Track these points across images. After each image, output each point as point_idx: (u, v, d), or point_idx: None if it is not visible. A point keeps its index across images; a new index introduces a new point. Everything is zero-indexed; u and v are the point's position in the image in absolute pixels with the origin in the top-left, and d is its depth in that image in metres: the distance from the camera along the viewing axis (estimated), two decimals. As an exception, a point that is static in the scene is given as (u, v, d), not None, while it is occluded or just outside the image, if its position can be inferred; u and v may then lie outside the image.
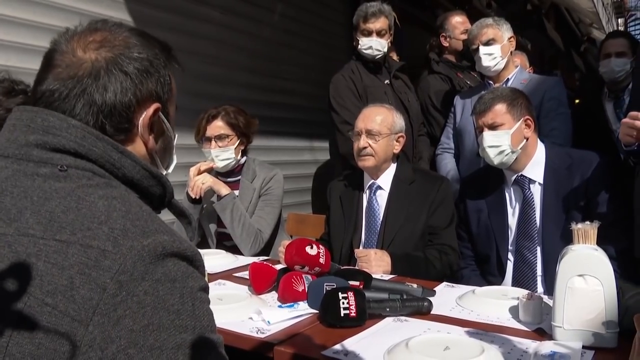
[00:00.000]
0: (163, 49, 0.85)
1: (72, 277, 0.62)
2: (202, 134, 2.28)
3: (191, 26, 2.99)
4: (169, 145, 0.90)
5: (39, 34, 2.23)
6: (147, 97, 0.80)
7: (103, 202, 0.69)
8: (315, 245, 1.60)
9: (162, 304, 0.65)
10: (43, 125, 0.73)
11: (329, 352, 1.15)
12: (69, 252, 0.64)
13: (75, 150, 0.73)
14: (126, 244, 0.65)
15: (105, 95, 0.76)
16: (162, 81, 0.83)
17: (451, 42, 3.13)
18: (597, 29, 9.56)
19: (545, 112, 2.42)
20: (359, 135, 2.09)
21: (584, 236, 1.19)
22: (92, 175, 0.73)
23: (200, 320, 0.68)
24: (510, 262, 1.97)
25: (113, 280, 0.63)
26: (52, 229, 0.66)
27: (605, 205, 1.85)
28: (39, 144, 0.72)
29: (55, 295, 0.62)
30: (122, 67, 0.78)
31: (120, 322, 0.62)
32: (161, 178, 0.82)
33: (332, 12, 4.24)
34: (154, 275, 0.65)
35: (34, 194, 0.69)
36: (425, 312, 1.39)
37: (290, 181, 3.33)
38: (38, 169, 0.71)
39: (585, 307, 1.15)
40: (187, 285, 0.68)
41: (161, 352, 0.63)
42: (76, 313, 0.61)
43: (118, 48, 0.79)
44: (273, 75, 3.63)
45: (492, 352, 1.09)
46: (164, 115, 0.86)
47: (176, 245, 0.69)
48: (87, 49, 0.77)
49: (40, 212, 0.67)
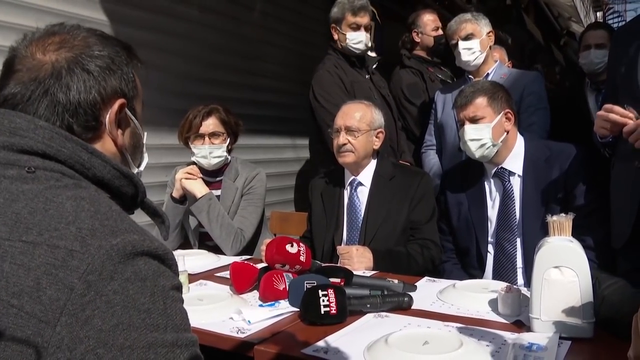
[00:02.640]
0: (124, 47, 0.85)
1: (39, 278, 0.62)
2: (195, 131, 2.26)
3: (169, 25, 2.95)
4: (138, 142, 0.91)
5: (12, 34, 2.19)
6: (111, 94, 0.80)
7: (71, 202, 0.69)
8: (295, 243, 1.59)
9: (132, 303, 0.64)
10: (10, 127, 0.72)
11: (309, 350, 1.15)
12: (35, 253, 0.63)
13: (44, 152, 0.72)
14: (94, 244, 0.64)
15: (69, 94, 0.76)
16: (125, 78, 0.83)
17: (422, 38, 3.21)
18: (575, 22, 9.69)
19: (524, 107, 2.44)
20: (339, 132, 2.09)
21: (559, 228, 1.20)
22: (60, 177, 0.72)
23: (173, 318, 0.67)
24: (491, 254, 1.99)
25: (81, 280, 0.62)
26: (19, 231, 0.65)
27: (583, 196, 1.87)
28: (5, 145, 0.71)
29: (21, 297, 0.61)
30: (83, 66, 0.78)
31: (89, 322, 0.61)
32: (132, 178, 0.82)
33: (310, 9, 4.23)
34: (124, 274, 0.64)
35: (0, 196, 0.68)
36: (405, 307, 1.39)
37: (272, 179, 3.32)
38: (5, 171, 0.70)
39: (561, 299, 1.16)
40: (158, 284, 0.67)
41: (132, 352, 0.62)
42: (43, 314, 0.60)
43: (78, 48, 0.79)
44: (252, 73, 3.61)
45: (470, 345, 1.10)
46: (131, 112, 0.86)
47: (146, 244, 0.68)
48: (47, 51, 0.77)
49: (6, 213, 0.66)
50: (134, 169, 0.91)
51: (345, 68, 2.76)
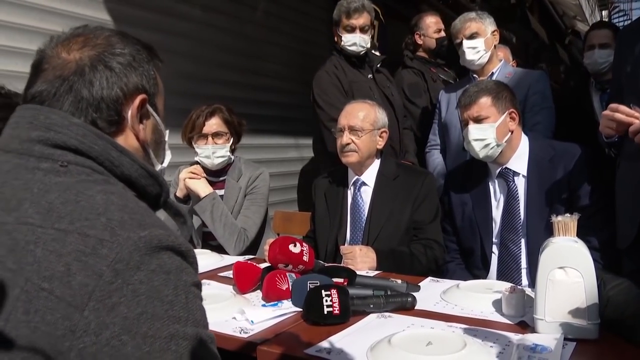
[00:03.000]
0: (144, 46, 0.89)
1: (69, 264, 0.64)
2: (198, 131, 2.26)
3: (171, 24, 2.95)
4: (160, 138, 0.93)
5: (16, 35, 2.20)
6: (133, 90, 0.83)
7: (101, 196, 0.72)
8: (298, 243, 1.59)
9: (157, 294, 0.66)
10: (45, 122, 0.75)
11: (312, 350, 1.14)
12: (66, 240, 0.66)
13: (76, 148, 0.75)
14: (123, 234, 0.67)
15: (92, 89, 0.79)
16: (146, 75, 0.86)
17: (425, 41, 3.24)
18: (580, 21, 9.64)
19: (529, 107, 2.43)
20: (342, 131, 2.08)
21: (564, 228, 1.19)
22: (91, 172, 0.75)
23: (193, 313, 0.70)
24: (495, 255, 1.98)
25: (109, 267, 0.64)
26: (51, 219, 0.67)
27: (588, 196, 1.86)
28: (41, 140, 0.74)
29: (52, 281, 0.63)
30: (106, 63, 0.81)
31: (115, 308, 0.64)
32: (158, 177, 0.85)
33: (313, 8, 4.22)
34: (149, 265, 0.67)
35: (34, 187, 0.71)
36: (409, 307, 1.38)
37: (276, 179, 3.32)
38: (39, 163, 0.73)
39: (566, 299, 1.16)
40: (180, 279, 0.70)
41: (154, 341, 0.65)
42: (72, 298, 0.63)
43: (100, 46, 0.82)
44: (256, 72, 3.60)
45: (474, 346, 1.09)
46: (152, 108, 0.89)
47: (171, 240, 0.71)
48: (71, 50, 0.81)
49: (39, 203, 0.69)
50: (157, 165, 0.94)
51: (345, 68, 2.76)
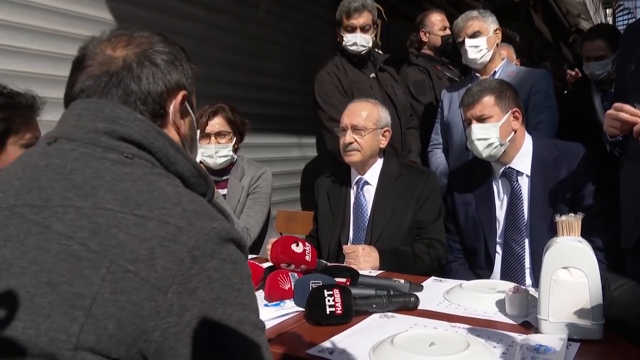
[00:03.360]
0: (182, 49, 0.93)
1: (153, 248, 0.67)
2: (202, 130, 2.26)
3: (174, 24, 2.95)
4: (194, 135, 0.97)
5: (17, 34, 2.19)
6: (175, 86, 0.87)
7: (171, 188, 0.76)
8: (301, 242, 1.59)
9: (227, 282, 0.70)
10: (111, 115, 0.78)
11: (315, 351, 1.14)
12: (147, 226, 0.69)
13: (140, 142, 0.78)
14: (198, 224, 0.71)
15: (140, 84, 0.82)
16: (185, 73, 0.90)
17: (430, 38, 3.23)
18: (585, 19, 9.59)
19: (532, 105, 2.42)
20: (345, 130, 2.08)
21: (568, 228, 1.19)
22: (152, 166, 0.79)
23: (254, 302, 0.75)
24: (499, 254, 1.97)
25: (189, 254, 0.68)
26: (130, 205, 0.70)
27: (592, 196, 1.85)
28: (107, 131, 0.77)
29: (137, 264, 0.66)
30: (151, 59, 0.85)
31: (195, 292, 0.67)
32: (207, 178, 0.88)
33: (316, 7, 4.21)
34: (221, 255, 0.71)
35: (106, 175, 0.73)
36: (412, 307, 1.38)
37: (278, 178, 3.31)
38: (106, 154, 0.76)
39: (570, 300, 1.15)
40: (244, 269, 0.74)
41: (227, 324, 0.69)
42: (157, 281, 0.66)
43: (144, 44, 0.86)
44: (258, 72, 3.60)
45: (477, 346, 1.09)
46: (189, 106, 0.92)
47: (235, 234, 0.75)
48: (116, 48, 0.84)
49: (115, 190, 0.72)
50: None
51: (347, 68, 2.77)
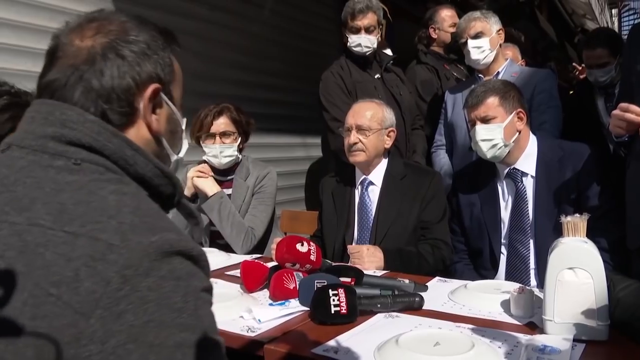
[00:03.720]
0: (161, 32, 0.86)
1: (78, 269, 0.63)
2: (206, 130, 2.26)
3: (180, 23, 2.95)
4: (175, 128, 0.90)
5: (25, 34, 2.21)
6: (146, 79, 0.81)
7: (114, 196, 0.70)
8: (306, 242, 1.59)
9: (165, 301, 0.64)
10: (61, 118, 0.74)
11: (319, 350, 1.14)
12: (76, 244, 0.64)
13: (90, 145, 0.74)
14: (134, 239, 0.65)
15: (102, 79, 0.77)
16: (161, 62, 0.83)
17: (440, 34, 3.19)
18: (590, 20, 9.56)
19: (536, 106, 2.42)
20: (349, 131, 2.08)
21: (573, 229, 1.19)
22: (104, 171, 0.74)
23: (202, 320, 0.68)
24: (503, 255, 1.97)
25: (118, 274, 0.63)
26: (62, 221, 0.66)
27: (597, 197, 1.85)
28: (55, 136, 0.73)
29: (60, 286, 0.62)
30: (118, 51, 0.78)
31: (122, 316, 0.62)
32: (172, 178, 0.83)
33: (321, 7, 4.21)
34: (159, 271, 0.65)
35: (46, 185, 0.69)
36: (416, 307, 1.38)
37: (283, 178, 3.32)
38: (53, 161, 0.72)
39: (575, 300, 1.15)
40: (190, 285, 0.68)
41: (161, 350, 0.63)
42: (79, 305, 0.61)
43: (113, 33, 0.79)
44: (263, 71, 3.61)
45: (482, 347, 1.09)
46: (168, 97, 0.86)
47: (182, 244, 0.69)
48: (84, 38, 0.79)
49: (51, 203, 0.68)
50: (172, 156, 0.91)
51: (352, 69, 2.77)
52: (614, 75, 2.67)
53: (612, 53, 2.68)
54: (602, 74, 2.72)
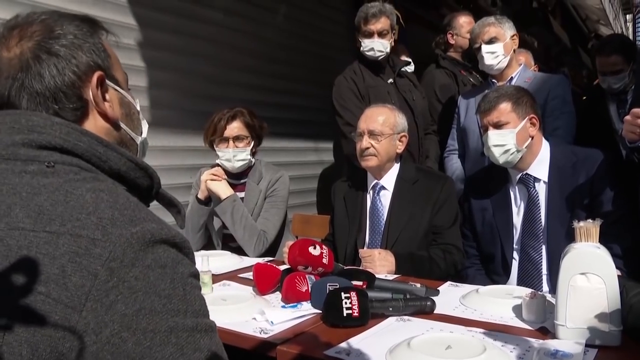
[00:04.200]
0: (83, 20, 0.84)
1: (64, 266, 0.64)
2: (220, 135, 2.29)
3: (194, 28, 3.00)
4: (130, 110, 0.90)
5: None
6: (86, 69, 0.80)
7: (90, 194, 0.70)
8: (318, 245, 1.60)
9: (153, 289, 0.66)
10: (27, 124, 0.74)
11: (332, 352, 1.15)
12: (59, 243, 0.65)
13: (61, 146, 0.74)
14: (115, 232, 0.66)
15: (44, 81, 0.77)
16: (94, 50, 0.82)
17: (457, 40, 3.23)
18: (604, 25, 9.49)
19: (549, 111, 2.41)
20: (361, 135, 2.09)
21: (586, 234, 1.19)
22: (79, 170, 0.74)
23: (192, 304, 0.69)
24: (515, 261, 1.96)
25: (104, 267, 0.64)
26: (42, 222, 0.67)
27: (611, 202, 1.84)
28: (25, 142, 0.73)
29: (47, 284, 0.63)
30: (49, 50, 0.78)
31: (113, 307, 0.63)
32: (147, 169, 0.83)
33: (333, 12, 4.24)
34: (144, 261, 0.66)
35: (22, 190, 0.70)
36: (428, 311, 1.39)
37: (295, 182, 3.34)
38: (26, 166, 0.72)
39: (588, 306, 1.15)
40: (177, 271, 0.69)
41: (154, 335, 0.65)
42: (69, 300, 0.63)
43: (37, 34, 0.79)
44: (276, 76, 3.64)
45: (494, 351, 1.09)
46: (112, 82, 0.85)
47: (164, 233, 0.70)
48: (10, 47, 0.78)
49: (29, 206, 0.68)
50: (137, 138, 0.91)
51: (365, 73, 2.79)
52: (628, 82, 2.66)
53: (626, 60, 2.66)
54: (616, 80, 2.70)
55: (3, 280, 0.64)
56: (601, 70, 2.79)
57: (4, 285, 0.63)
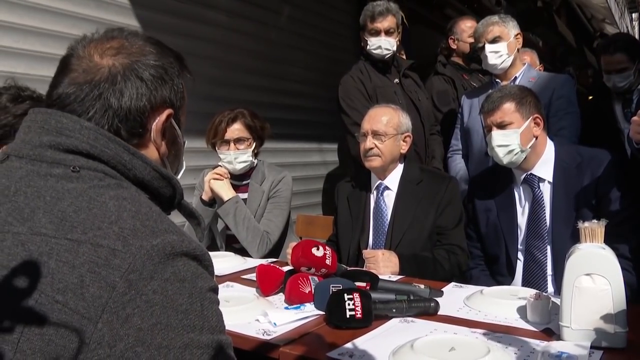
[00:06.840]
0: (177, 58, 0.87)
1: (83, 276, 0.64)
2: (221, 137, 2.28)
3: (198, 30, 3.01)
4: (179, 151, 0.92)
5: (48, 41, 2.26)
6: (160, 103, 0.82)
7: (114, 202, 0.71)
8: (321, 246, 1.60)
9: (171, 304, 0.66)
10: (56, 126, 0.74)
11: (334, 354, 1.15)
12: (79, 251, 0.65)
13: (88, 152, 0.74)
14: (136, 244, 0.66)
15: (122, 99, 0.78)
16: (175, 89, 0.85)
17: (459, 45, 3.23)
18: (609, 24, 9.43)
19: (554, 111, 2.39)
20: (365, 136, 2.08)
21: (591, 235, 1.18)
22: (103, 176, 0.74)
23: (209, 320, 0.69)
24: (520, 261, 1.95)
25: (122, 278, 0.64)
26: (64, 229, 0.67)
27: (617, 203, 1.82)
28: (52, 144, 0.74)
29: (65, 293, 0.63)
30: (138, 73, 0.79)
31: (129, 320, 0.63)
32: (171, 179, 0.84)
33: (338, 13, 4.24)
34: (163, 274, 0.66)
35: (46, 194, 0.70)
36: (432, 312, 1.38)
37: (299, 183, 3.34)
38: (51, 169, 0.73)
39: (593, 307, 1.14)
40: (196, 285, 0.69)
41: (168, 351, 0.64)
42: (86, 311, 0.62)
43: (134, 55, 0.80)
44: (280, 77, 3.64)
45: (498, 352, 1.08)
46: (176, 122, 0.87)
47: (185, 245, 0.69)
48: (104, 55, 0.79)
49: (52, 211, 0.69)
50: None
51: (371, 73, 2.77)
52: (633, 80, 2.64)
53: (631, 58, 2.65)
54: (621, 79, 2.69)
55: (22, 285, 0.64)
56: (606, 69, 2.77)
57: (22, 290, 0.64)
